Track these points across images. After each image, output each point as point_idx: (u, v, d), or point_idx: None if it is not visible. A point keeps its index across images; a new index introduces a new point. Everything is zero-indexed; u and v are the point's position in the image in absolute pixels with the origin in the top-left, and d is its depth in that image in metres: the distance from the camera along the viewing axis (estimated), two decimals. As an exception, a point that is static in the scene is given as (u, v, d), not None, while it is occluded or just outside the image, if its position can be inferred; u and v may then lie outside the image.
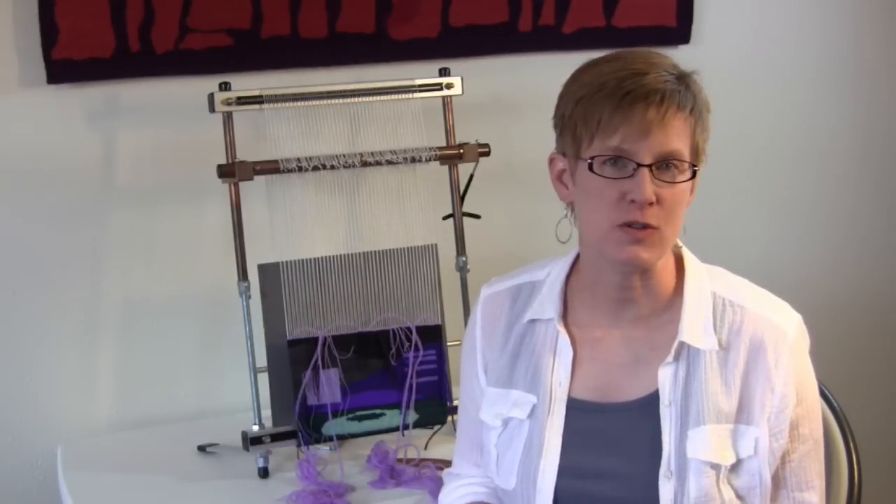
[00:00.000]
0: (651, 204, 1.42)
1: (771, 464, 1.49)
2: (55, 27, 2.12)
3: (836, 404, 1.81)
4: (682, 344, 1.49)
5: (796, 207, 2.80)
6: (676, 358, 1.49)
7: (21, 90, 2.15)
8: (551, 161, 1.54)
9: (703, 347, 1.48)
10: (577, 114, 1.46)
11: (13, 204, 2.19)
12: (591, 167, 1.44)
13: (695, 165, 1.46)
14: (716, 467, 1.46)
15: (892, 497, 2.89)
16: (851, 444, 1.77)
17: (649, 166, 1.42)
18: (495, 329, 1.61)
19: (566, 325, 1.55)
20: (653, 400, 1.49)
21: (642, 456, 1.48)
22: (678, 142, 1.43)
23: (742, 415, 1.48)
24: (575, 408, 1.53)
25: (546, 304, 1.56)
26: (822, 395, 1.83)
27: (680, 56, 2.66)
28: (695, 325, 1.49)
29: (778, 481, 1.51)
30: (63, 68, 2.14)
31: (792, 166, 2.78)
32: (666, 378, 1.49)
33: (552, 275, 1.59)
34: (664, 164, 1.43)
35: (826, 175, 2.82)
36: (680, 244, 1.56)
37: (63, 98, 2.17)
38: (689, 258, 1.56)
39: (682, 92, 1.44)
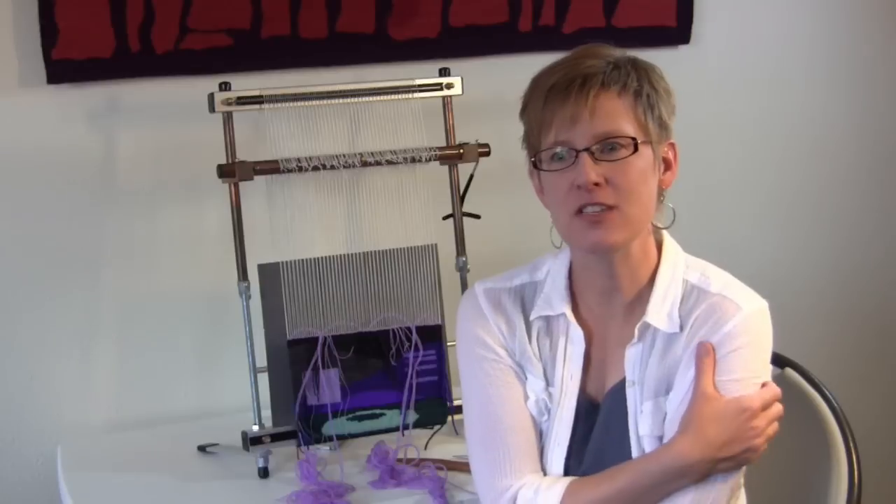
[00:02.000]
0: (597, 185, 1.43)
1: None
2: (55, 27, 2.12)
3: (836, 404, 1.81)
4: (646, 324, 1.51)
5: (796, 207, 2.80)
6: (641, 339, 1.51)
7: (21, 90, 2.15)
8: (531, 175, 1.57)
9: (665, 329, 1.50)
10: (525, 125, 1.52)
11: (13, 203, 2.19)
12: (536, 165, 1.49)
13: (635, 138, 1.45)
14: (661, 440, 1.49)
15: (893, 497, 2.89)
16: (851, 444, 1.77)
17: (588, 150, 1.43)
18: (512, 320, 1.59)
19: (577, 318, 1.57)
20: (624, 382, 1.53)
21: (623, 439, 1.51)
22: (613, 121, 1.45)
23: (673, 383, 1.50)
24: (584, 404, 1.55)
25: (554, 300, 1.57)
26: (822, 394, 1.83)
27: (680, 56, 2.69)
28: (661, 309, 1.51)
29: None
30: (63, 68, 2.14)
31: (792, 166, 2.78)
32: (630, 359, 1.52)
33: (552, 272, 1.60)
34: (606, 145, 1.44)
35: (826, 175, 2.82)
36: (661, 226, 1.56)
37: (63, 98, 2.17)
38: (669, 246, 1.57)
39: (608, 73, 1.45)
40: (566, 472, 1.54)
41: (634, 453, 1.50)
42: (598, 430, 1.54)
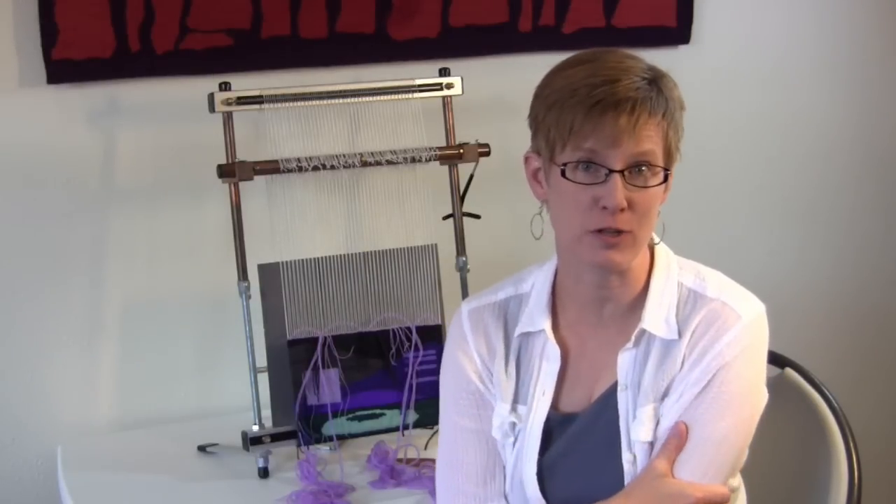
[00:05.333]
0: (623, 210, 1.42)
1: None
2: (55, 27, 2.12)
3: (836, 404, 1.81)
4: (642, 331, 1.50)
5: (797, 208, 2.80)
6: (636, 344, 1.50)
7: (21, 90, 2.15)
8: (526, 159, 1.55)
9: (663, 335, 1.49)
10: (549, 119, 1.46)
11: (13, 204, 2.18)
12: (563, 173, 1.45)
13: (667, 169, 1.45)
14: (653, 446, 1.48)
15: (893, 497, 2.89)
16: (851, 444, 1.77)
17: (621, 172, 1.42)
18: (491, 341, 1.59)
19: (557, 334, 1.55)
20: (615, 388, 1.52)
21: (612, 444, 1.50)
22: (650, 147, 1.43)
23: (671, 389, 1.49)
24: (556, 420, 1.54)
25: (535, 316, 1.56)
26: (822, 394, 1.83)
27: (680, 56, 2.69)
28: (657, 314, 1.50)
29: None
30: (63, 68, 2.14)
31: (792, 166, 2.78)
32: (623, 363, 1.51)
33: (537, 285, 1.59)
34: (636, 168, 1.43)
35: (827, 175, 2.82)
36: (657, 240, 1.56)
37: (63, 98, 2.17)
38: (660, 250, 1.56)
39: (654, 98, 1.43)
40: (541, 486, 1.53)
41: (625, 457, 1.49)
42: (580, 440, 1.52)
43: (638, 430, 1.48)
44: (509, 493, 1.56)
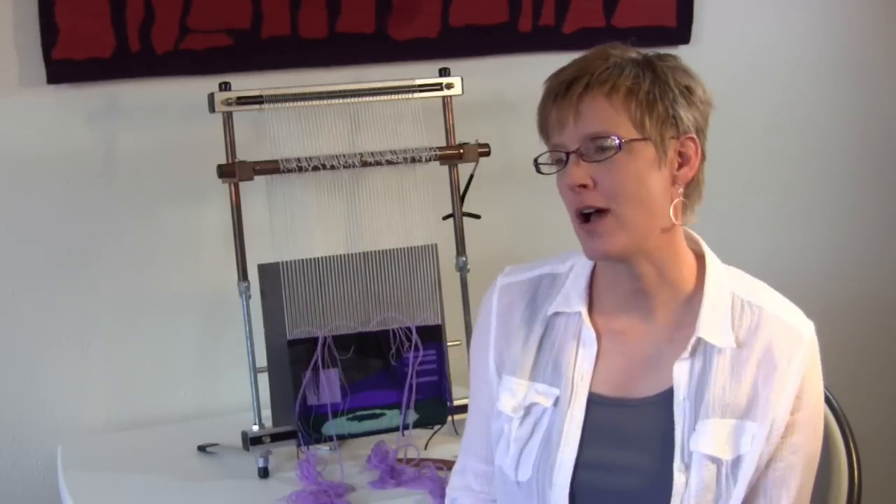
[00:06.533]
0: (584, 186, 1.44)
1: (758, 467, 1.48)
2: (55, 27, 2.12)
3: (836, 404, 1.81)
4: (699, 340, 1.50)
5: (797, 207, 2.80)
6: (693, 354, 1.50)
7: (21, 90, 2.15)
8: None
9: (720, 345, 1.49)
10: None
11: (13, 204, 2.19)
12: (538, 170, 1.50)
13: (620, 139, 1.44)
14: (716, 461, 1.47)
15: (893, 497, 2.89)
16: (851, 444, 1.77)
17: (576, 151, 1.45)
18: (511, 319, 1.60)
19: (591, 318, 1.56)
20: (669, 395, 1.50)
21: (657, 450, 1.49)
22: (598, 122, 1.44)
23: (748, 411, 1.48)
24: (595, 402, 1.53)
25: (572, 298, 1.56)
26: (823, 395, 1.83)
27: (680, 56, 2.68)
28: (713, 323, 1.50)
29: (756, 489, 1.49)
30: (63, 68, 2.14)
31: (792, 166, 2.78)
32: (681, 373, 1.50)
33: (576, 268, 1.59)
34: (593, 146, 1.45)
35: (826, 174, 2.82)
36: (701, 242, 1.57)
37: (63, 98, 2.18)
38: (711, 257, 1.56)
39: (598, 74, 1.45)
40: (577, 467, 1.53)
41: (677, 465, 1.48)
42: (624, 440, 1.51)
43: (697, 441, 1.47)
44: (511, 471, 1.55)
